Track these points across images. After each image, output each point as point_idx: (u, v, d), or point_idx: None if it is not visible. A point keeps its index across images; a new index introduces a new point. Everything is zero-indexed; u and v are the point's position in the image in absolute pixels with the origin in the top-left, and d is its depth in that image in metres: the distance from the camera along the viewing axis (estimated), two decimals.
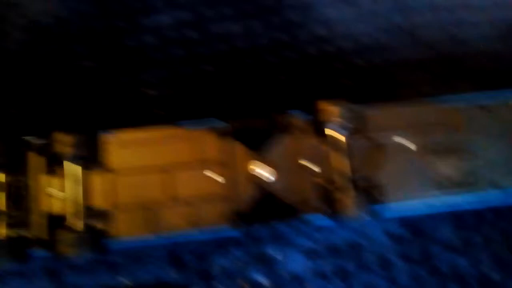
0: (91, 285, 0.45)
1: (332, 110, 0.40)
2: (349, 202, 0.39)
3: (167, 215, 0.39)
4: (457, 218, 0.47)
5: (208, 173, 0.39)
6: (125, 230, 0.39)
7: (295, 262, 0.46)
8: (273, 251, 0.47)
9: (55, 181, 0.39)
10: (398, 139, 0.41)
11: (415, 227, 0.47)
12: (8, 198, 0.39)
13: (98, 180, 0.39)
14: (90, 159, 0.39)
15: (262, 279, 0.46)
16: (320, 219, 0.40)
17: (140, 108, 0.48)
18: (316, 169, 0.40)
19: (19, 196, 0.39)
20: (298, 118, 0.41)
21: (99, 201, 0.39)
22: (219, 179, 0.40)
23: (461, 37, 0.51)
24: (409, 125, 0.41)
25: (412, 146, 0.41)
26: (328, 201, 0.40)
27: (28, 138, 0.39)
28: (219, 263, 0.46)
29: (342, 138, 0.41)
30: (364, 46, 0.51)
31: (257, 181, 0.40)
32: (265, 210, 0.41)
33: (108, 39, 0.49)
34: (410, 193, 0.40)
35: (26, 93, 0.47)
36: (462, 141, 0.42)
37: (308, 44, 0.51)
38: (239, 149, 0.41)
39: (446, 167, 0.41)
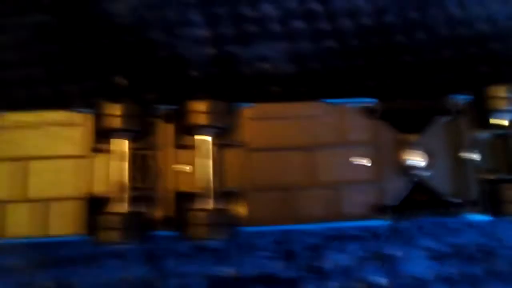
0: (193, 274, 0.41)
1: (494, 96, 0.35)
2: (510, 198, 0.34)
3: (304, 199, 0.35)
4: None
5: (353, 155, 0.35)
6: (258, 213, 0.34)
7: (418, 263, 0.42)
8: (394, 249, 0.42)
9: (183, 153, 0.35)
10: None
11: None
12: (133, 169, 0.35)
13: (230, 156, 0.35)
14: (224, 131, 0.35)
15: (380, 279, 0.41)
16: (477, 216, 0.36)
17: (258, 83, 0.44)
18: (476, 160, 0.35)
19: (144, 168, 0.35)
20: (459, 103, 0.36)
21: (230, 179, 0.35)
22: (365, 163, 0.35)
23: None
24: None
25: None
26: (488, 196, 0.35)
27: (158, 105, 0.35)
28: (333, 258, 0.42)
29: (506, 126, 0.36)
30: (501, 29, 0.46)
31: (408, 169, 0.35)
32: (415, 202, 0.36)
33: (224, 7, 0.46)
34: None
35: (154, 59, 0.44)
36: None
37: (440, 25, 0.46)
38: (389, 131, 0.36)
39: None
